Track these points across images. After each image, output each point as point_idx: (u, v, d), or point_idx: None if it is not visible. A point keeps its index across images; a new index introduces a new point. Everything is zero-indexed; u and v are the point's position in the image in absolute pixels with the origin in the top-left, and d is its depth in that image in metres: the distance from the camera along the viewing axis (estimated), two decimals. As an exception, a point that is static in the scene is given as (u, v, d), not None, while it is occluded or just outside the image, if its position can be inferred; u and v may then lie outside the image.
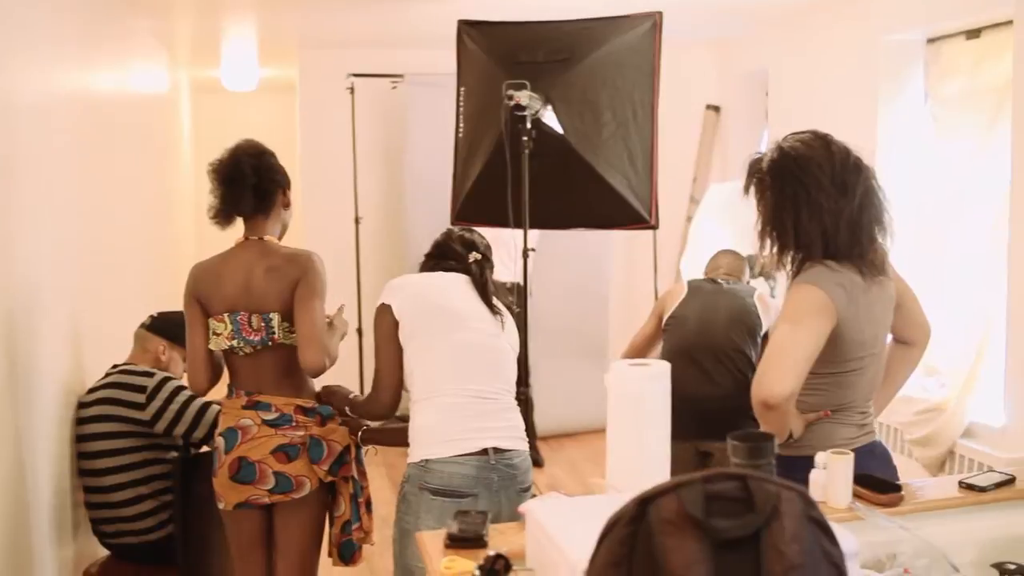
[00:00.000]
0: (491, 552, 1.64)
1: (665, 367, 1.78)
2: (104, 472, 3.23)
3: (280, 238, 3.07)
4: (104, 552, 3.44)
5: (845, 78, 5.37)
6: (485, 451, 2.64)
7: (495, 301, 2.89)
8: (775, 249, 2.40)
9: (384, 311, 2.81)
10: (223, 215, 2.96)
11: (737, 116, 6.86)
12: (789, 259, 2.38)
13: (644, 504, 1.29)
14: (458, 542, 1.84)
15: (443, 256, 3.00)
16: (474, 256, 2.93)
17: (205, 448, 3.34)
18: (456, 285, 2.87)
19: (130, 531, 3.26)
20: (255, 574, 3.01)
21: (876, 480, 2.13)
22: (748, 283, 4.05)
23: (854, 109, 5.20)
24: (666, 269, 7.01)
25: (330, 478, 2.92)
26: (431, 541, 1.91)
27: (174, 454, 3.31)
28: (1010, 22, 4.23)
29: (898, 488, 2.10)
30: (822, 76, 5.60)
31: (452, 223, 4.82)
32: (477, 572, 1.60)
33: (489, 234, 4.30)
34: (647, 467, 1.73)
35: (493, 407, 2.70)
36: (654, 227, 4.56)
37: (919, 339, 2.57)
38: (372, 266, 6.42)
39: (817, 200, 2.32)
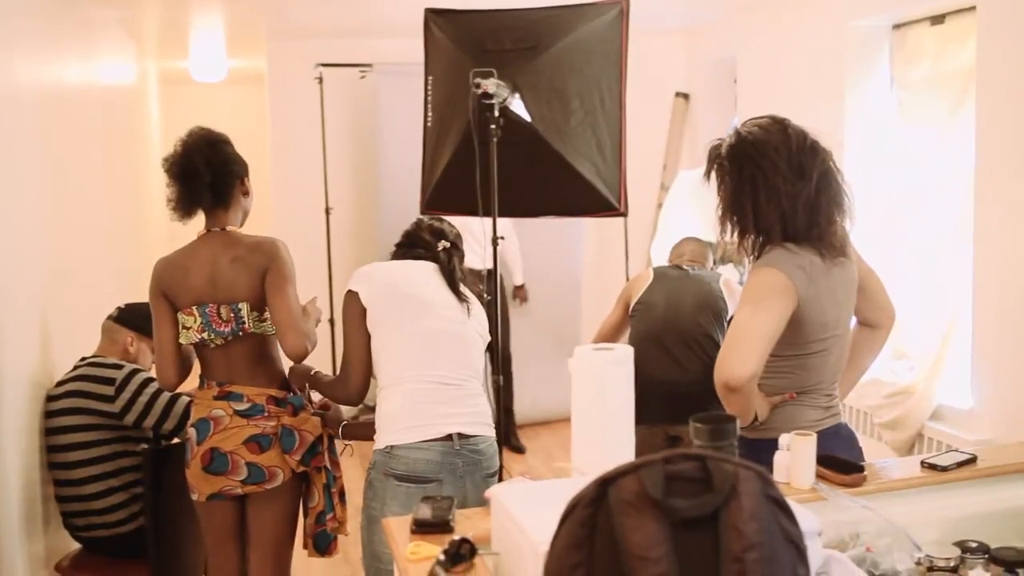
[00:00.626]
0: (456, 537, 1.66)
1: (628, 351, 1.80)
2: (74, 465, 3.21)
3: (241, 225, 3.06)
4: (75, 546, 3.43)
5: (812, 64, 5.40)
6: (449, 437, 2.66)
7: (462, 289, 2.90)
8: (736, 233, 2.42)
9: (352, 298, 2.82)
10: (182, 209, 2.95)
11: (706, 103, 6.89)
12: (750, 243, 2.40)
13: (604, 485, 1.30)
14: (424, 527, 1.84)
15: (412, 245, 3.02)
16: (443, 244, 2.95)
17: (176, 440, 3.33)
18: (423, 273, 2.89)
19: (101, 524, 3.25)
20: (229, 565, 3.01)
21: (839, 461, 2.16)
22: (712, 269, 4.08)
23: (821, 95, 5.24)
24: (637, 256, 7.04)
25: (302, 468, 2.92)
26: (397, 527, 1.91)
27: (144, 446, 3.30)
28: (973, 8, 4.28)
29: (861, 468, 2.12)
30: (789, 62, 5.63)
31: (422, 212, 4.81)
32: (442, 557, 1.61)
33: (458, 222, 4.31)
34: (611, 451, 1.75)
35: (457, 393, 2.72)
36: (623, 214, 4.56)
37: (884, 322, 2.60)
38: (343, 256, 6.40)
39: (775, 183, 2.34)
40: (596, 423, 1.77)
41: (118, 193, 5.70)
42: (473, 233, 5.60)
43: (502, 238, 4.58)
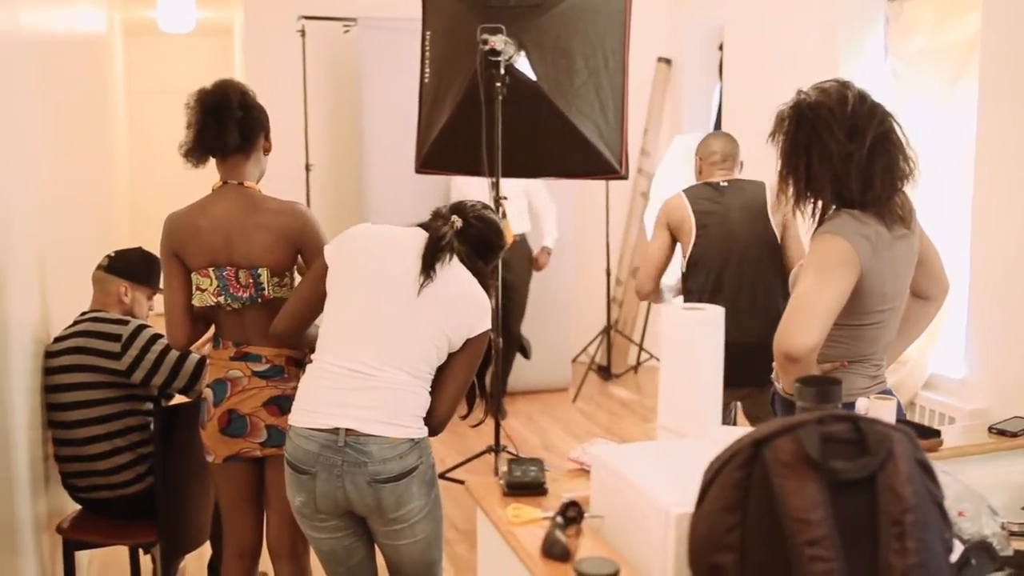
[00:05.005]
0: (565, 498, 1.61)
1: (718, 311, 1.76)
2: (77, 424, 3.09)
3: (257, 183, 2.96)
4: (74, 507, 3.32)
5: (804, 34, 5.39)
6: (336, 431, 2.42)
7: (436, 268, 2.49)
8: (792, 194, 2.40)
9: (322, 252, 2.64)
10: (201, 149, 2.81)
11: (689, 70, 6.86)
12: (809, 206, 2.37)
13: (758, 446, 1.27)
14: (518, 489, 1.79)
15: (434, 218, 2.69)
16: (454, 220, 2.60)
17: (183, 398, 3.23)
18: (403, 243, 2.56)
19: (105, 485, 3.14)
20: (246, 527, 2.92)
21: (915, 425, 2.15)
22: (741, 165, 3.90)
23: (814, 65, 5.22)
24: (617, 220, 7.02)
25: None
26: (485, 490, 1.86)
27: (149, 405, 3.20)
28: (976, -21, 4.29)
29: (937, 433, 2.12)
30: (780, 31, 5.61)
31: (417, 171, 4.73)
32: (560, 519, 1.56)
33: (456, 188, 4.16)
34: (699, 410, 1.71)
35: (365, 384, 2.45)
36: (623, 177, 4.54)
37: (937, 294, 2.59)
38: (323, 215, 6.18)
39: (827, 144, 2.32)
40: (685, 383, 1.73)
41: (95, 144, 5.51)
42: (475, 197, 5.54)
43: (505, 198, 4.52)
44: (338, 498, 2.45)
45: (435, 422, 2.53)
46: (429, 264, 2.49)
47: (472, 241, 2.61)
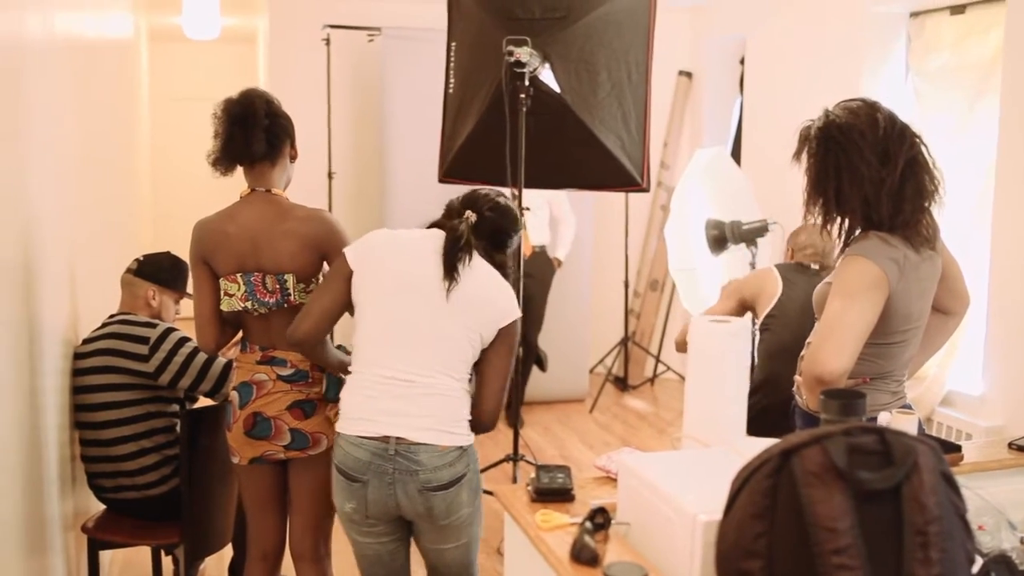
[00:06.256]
0: (594, 505, 1.64)
1: (745, 324, 1.79)
2: (104, 425, 3.14)
3: (284, 190, 3.00)
4: (98, 507, 3.36)
5: (826, 49, 5.41)
6: (386, 438, 2.45)
7: (459, 269, 2.52)
8: (819, 217, 2.41)
9: (342, 255, 2.65)
10: (228, 158, 2.86)
11: (710, 83, 6.89)
12: (836, 228, 2.38)
13: (786, 455, 1.30)
14: (546, 495, 1.82)
15: (447, 214, 2.72)
16: (468, 215, 2.59)
17: (208, 401, 3.27)
18: (425, 246, 2.57)
19: (131, 486, 3.19)
20: (270, 529, 2.96)
21: (936, 440, 2.17)
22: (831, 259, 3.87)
23: (835, 80, 5.25)
24: (636, 232, 7.05)
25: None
26: (512, 495, 1.89)
27: (176, 407, 3.24)
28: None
29: (958, 448, 2.14)
30: (802, 45, 5.64)
31: (440, 180, 4.78)
32: (589, 525, 1.59)
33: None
34: (725, 421, 1.74)
35: (411, 392, 2.48)
36: (645, 190, 4.57)
37: (958, 310, 2.61)
38: (344, 222, 6.23)
39: (858, 168, 2.31)
40: (711, 393, 1.76)
41: (122, 148, 5.58)
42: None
43: (527, 209, 4.57)
44: (389, 505, 2.50)
45: (484, 420, 2.56)
46: (451, 267, 2.51)
47: (487, 234, 2.63)
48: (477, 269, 2.57)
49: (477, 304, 2.53)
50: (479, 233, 2.60)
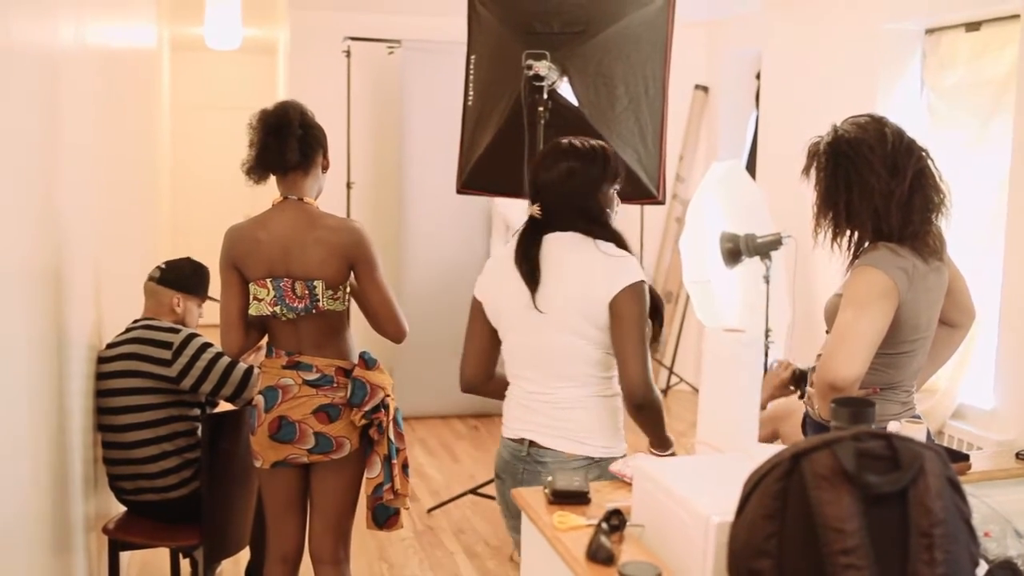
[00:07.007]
0: (609, 507, 1.69)
1: (757, 335, 1.83)
2: (127, 428, 3.20)
3: (316, 198, 3.07)
4: (118, 508, 3.42)
5: (841, 64, 5.45)
6: (522, 440, 2.56)
7: (536, 275, 2.47)
8: (829, 230, 2.46)
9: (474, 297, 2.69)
10: (263, 167, 2.94)
11: (725, 97, 6.94)
12: (845, 241, 2.43)
13: (797, 459, 1.35)
14: (563, 498, 1.87)
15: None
16: (531, 211, 2.54)
17: (230, 406, 3.33)
18: (507, 263, 2.57)
19: (151, 488, 3.25)
20: (290, 533, 3.01)
21: (945, 449, 2.21)
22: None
23: (850, 96, 5.28)
24: (651, 245, 7.10)
25: (363, 422, 2.89)
26: (531, 497, 1.94)
27: (197, 411, 3.30)
28: (1013, 16, 4.34)
29: (966, 457, 2.18)
30: (818, 61, 5.68)
31: (458, 191, 4.84)
32: (605, 526, 1.64)
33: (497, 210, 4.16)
34: (738, 427, 1.79)
35: (541, 400, 2.54)
36: (660, 202, 4.61)
37: (964, 322, 2.65)
38: (362, 231, 6.39)
39: (868, 181, 2.37)
40: (725, 400, 1.81)
41: (145, 157, 5.66)
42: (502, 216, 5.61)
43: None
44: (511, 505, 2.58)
45: (634, 391, 2.42)
46: (526, 275, 2.49)
47: (566, 215, 2.50)
48: (567, 260, 2.48)
49: (573, 299, 2.44)
50: (558, 221, 2.51)
